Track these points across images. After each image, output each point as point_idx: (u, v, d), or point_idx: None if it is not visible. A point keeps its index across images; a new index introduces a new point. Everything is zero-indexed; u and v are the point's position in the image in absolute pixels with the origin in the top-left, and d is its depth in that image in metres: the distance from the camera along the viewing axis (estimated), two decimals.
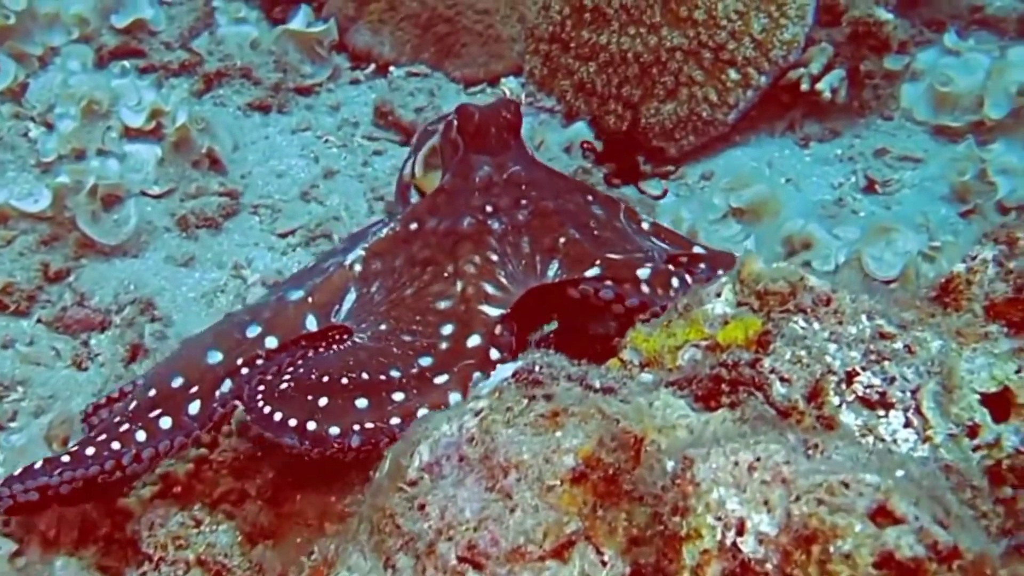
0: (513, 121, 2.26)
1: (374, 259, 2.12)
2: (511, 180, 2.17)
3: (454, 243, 2.07)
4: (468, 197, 2.14)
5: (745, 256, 1.53)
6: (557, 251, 2.04)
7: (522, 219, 2.09)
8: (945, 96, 3.63)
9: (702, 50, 3.46)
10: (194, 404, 1.89)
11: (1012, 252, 1.56)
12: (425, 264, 2.07)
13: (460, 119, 2.25)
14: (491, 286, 1.99)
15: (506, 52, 4.15)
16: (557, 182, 2.27)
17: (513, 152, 2.22)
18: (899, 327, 1.47)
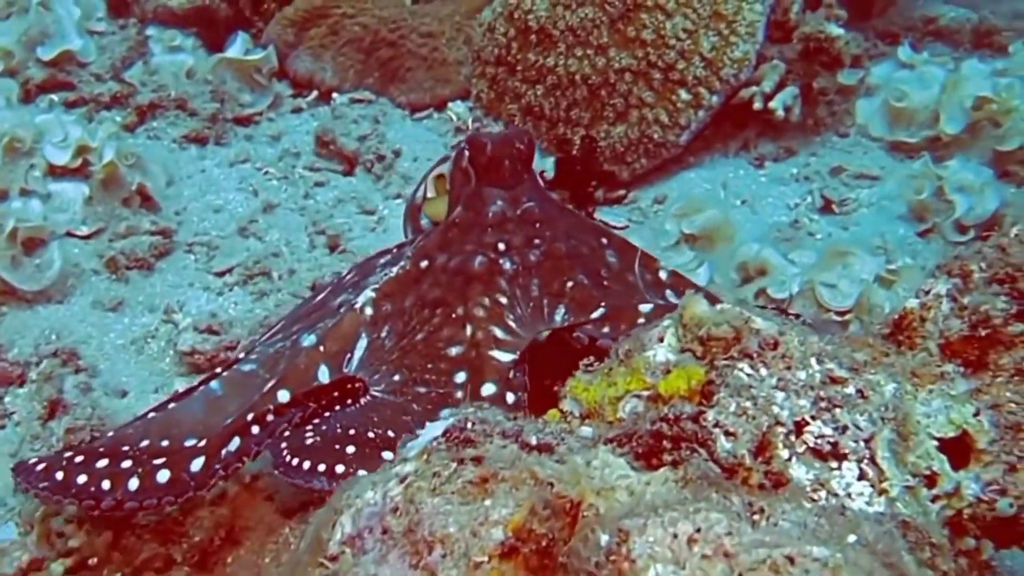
0: (526, 153, 2.21)
1: (384, 301, 2.08)
2: (525, 217, 2.13)
3: (464, 283, 2.04)
4: (480, 233, 2.10)
5: (687, 299, 1.46)
6: (564, 295, 2.03)
7: (533, 260, 2.07)
8: (900, 111, 3.62)
9: (651, 70, 3.42)
10: (198, 461, 1.84)
11: (966, 286, 1.51)
12: (435, 305, 2.04)
13: (472, 150, 2.20)
14: (500, 330, 1.97)
15: (453, 76, 4.09)
16: (572, 222, 2.23)
17: (527, 186, 2.18)
18: (850, 370, 1.41)
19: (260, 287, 2.96)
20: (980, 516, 1.36)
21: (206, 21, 4.22)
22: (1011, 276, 1.46)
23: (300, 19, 4.17)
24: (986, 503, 1.36)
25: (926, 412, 1.41)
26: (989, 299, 1.45)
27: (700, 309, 1.43)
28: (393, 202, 3.42)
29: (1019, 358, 1.42)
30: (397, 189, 3.47)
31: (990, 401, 1.41)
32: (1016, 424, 1.39)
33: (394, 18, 4.17)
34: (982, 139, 3.49)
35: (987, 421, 1.39)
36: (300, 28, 4.16)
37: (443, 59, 4.11)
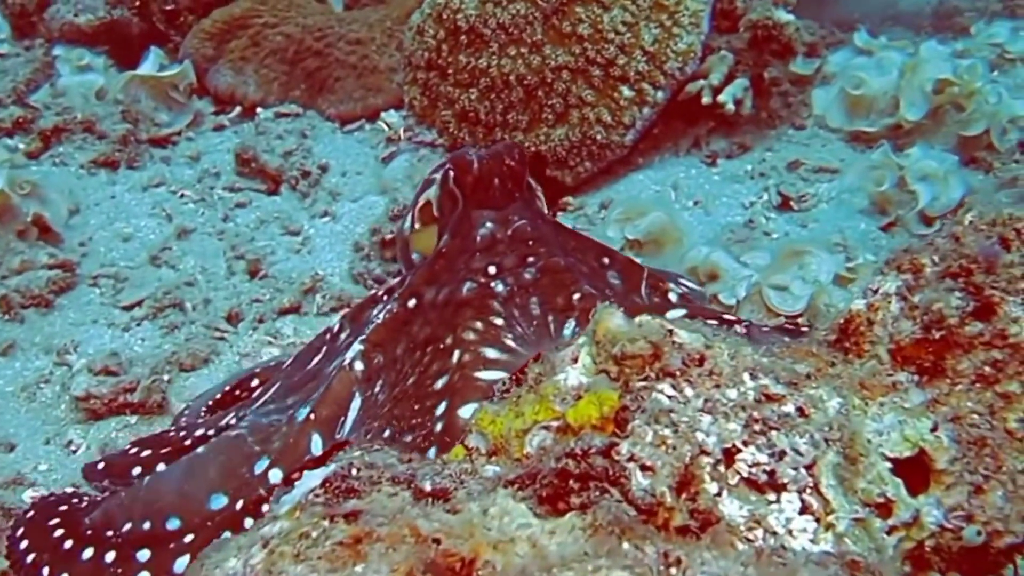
0: (517, 169, 2.04)
1: (375, 352, 1.91)
2: (516, 236, 1.97)
3: (454, 312, 1.87)
4: (469, 259, 1.94)
5: (599, 311, 1.31)
6: (572, 309, 1.85)
7: (529, 278, 1.90)
8: (858, 100, 3.51)
9: (590, 67, 3.28)
10: (183, 560, 1.71)
11: (917, 282, 1.36)
12: (426, 344, 1.87)
13: (457, 170, 2.04)
14: (494, 350, 1.77)
15: (385, 84, 3.95)
16: (568, 239, 2.07)
17: (519, 204, 2.02)
18: (789, 385, 1.26)
19: (171, 320, 2.79)
20: (944, 547, 1.21)
21: (118, 38, 4.06)
22: (966, 269, 1.31)
23: (219, 31, 4.01)
24: (951, 532, 1.21)
25: (877, 429, 1.26)
26: (942, 296, 1.31)
27: (614, 323, 1.28)
28: (320, 221, 3.25)
29: (979, 362, 1.28)
30: (324, 207, 3.31)
31: (949, 413, 1.27)
32: (980, 439, 1.25)
33: (320, 26, 4.03)
34: (945, 124, 3.38)
35: (946, 437, 1.24)
36: (219, 41, 4.00)
37: (374, 67, 3.97)
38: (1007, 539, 1.22)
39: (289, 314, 2.80)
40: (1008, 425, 1.26)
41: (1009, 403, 1.27)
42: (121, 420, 2.42)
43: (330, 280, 2.91)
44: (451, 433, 1.65)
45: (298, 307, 2.82)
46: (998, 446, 1.25)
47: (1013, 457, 1.25)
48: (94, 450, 2.33)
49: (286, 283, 2.89)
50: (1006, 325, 1.28)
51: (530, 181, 2.16)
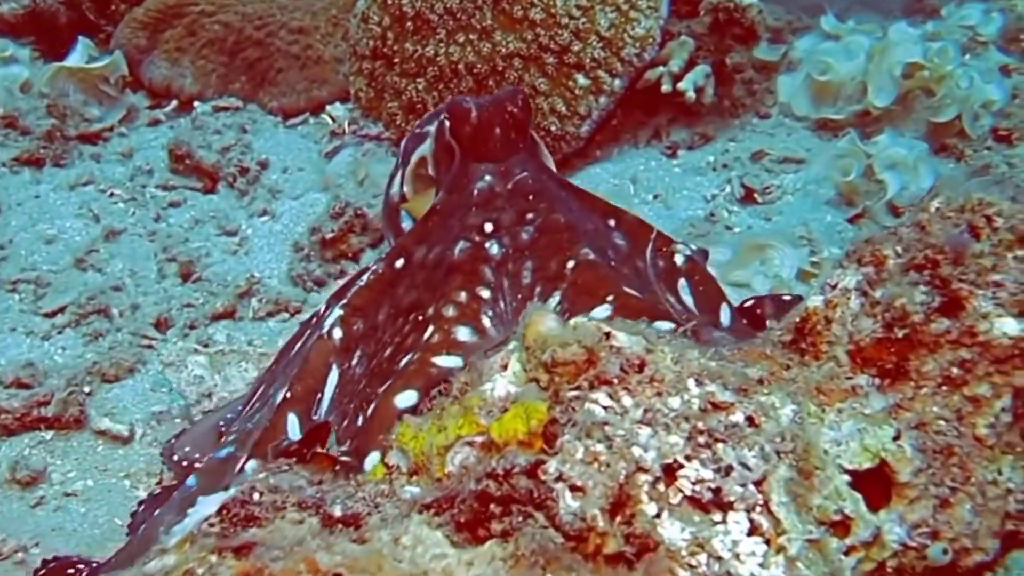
0: (520, 117, 1.86)
1: (355, 317, 1.75)
2: (517, 190, 1.81)
3: (444, 277, 1.71)
4: (464, 215, 1.78)
5: (530, 313, 1.21)
6: (563, 278, 1.69)
7: (526, 238, 1.75)
8: (825, 86, 3.44)
9: (543, 54, 3.19)
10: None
11: (879, 276, 1.28)
12: (409, 311, 1.72)
13: (453, 120, 1.85)
14: (467, 330, 1.62)
15: (330, 75, 3.83)
16: (573, 196, 1.90)
17: (522, 156, 1.85)
18: (738, 392, 1.17)
19: (95, 327, 2.65)
20: (908, 567, 1.12)
21: (44, 28, 3.91)
22: (932, 260, 1.23)
23: (152, 20, 3.87)
24: (914, 550, 1.12)
25: (835, 438, 1.17)
26: (906, 291, 1.22)
27: (544, 326, 1.18)
28: (258, 220, 3.13)
29: (946, 362, 1.19)
30: (263, 205, 3.18)
31: (913, 419, 1.18)
32: (946, 447, 1.16)
33: (260, 14, 3.90)
34: (915, 110, 3.33)
35: (909, 446, 1.15)
36: (153, 31, 3.87)
37: (318, 57, 3.84)
38: (976, 557, 1.14)
39: (223, 319, 2.67)
40: (977, 432, 1.17)
41: (978, 407, 1.18)
42: (35, 436, 2.29)
43: (267, 282, 2.80)
44: (377, 422, 1.52)
45: (232, 312, 2.70)
46: (966, 455, 1.17)
47: (983, 467, 1.17)
48: (4, 468, 2.20)
49: (220, 286, 2.77)
50: (975, 321, 1.19)
51: (533, 134, 1.98)
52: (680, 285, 1.84)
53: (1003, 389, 1.18)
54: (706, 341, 1.47)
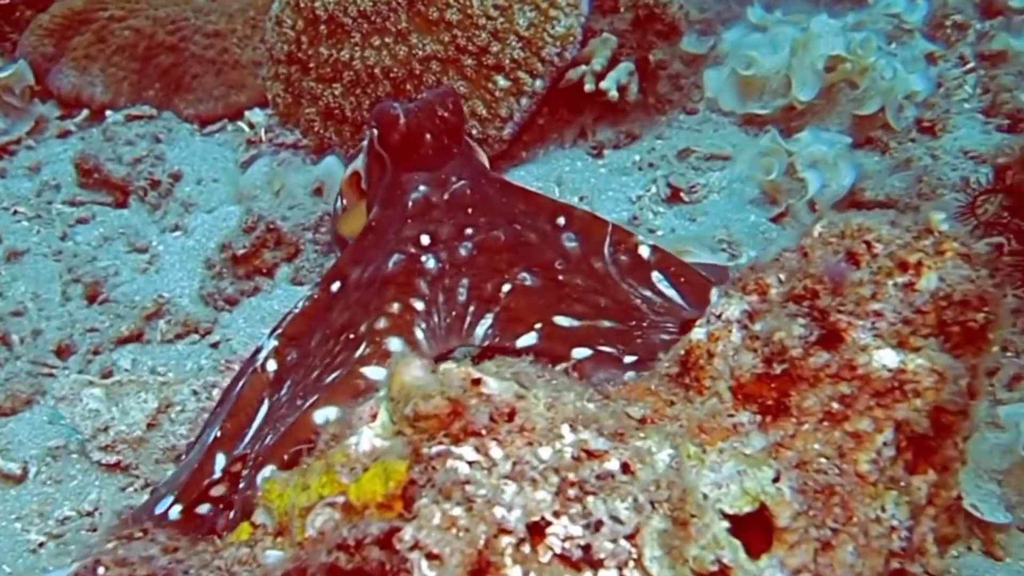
0: (452, 121, 1.81)
1: (289, 348, 1.68)
2: (454, 200, 1.74)
3: (377, 290, 1.65)
4: (400, 228, 1.71)
5: (397, 360, 1.16)
6: (496, 301, 1.65)
7: (464, 255, 1.69)
8: (750, 81, 3.42)
9: (462, 56, 3.13)
10: None
11: (761, 307, 1.25)
12: (341, 332, 1.65)
13: (381, 127, 1.79)
14: (397, 341, 1.57)
15: (248, 80, 3.73)
16: (516, 201, 1.82)
17: (457, 163, 1.78)
18: (614, 437, 1.13)
19: None
20: None
21: None
22: (811, 291, 1.20)
23: (59, 27, 3.75)
24: None
25: (716, 481, 1.14)
26: (784, 324, 1.19)
27: (409, 376, 1.13)
28: (170, 236, 3.04)
29: (826, 397, 1.16)
30: (175, 219, 3.09)
31: (794, 458, 1.15)
32: (827, 487, 1.13)
33: (173, 18, 3.79)
34: (839, 104, 3.31)
35: (788, 488, 1.12)
36: (60, 37, 3.74)
37: (235, 61, 3.75)
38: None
39: (129, 343, 2.59)
40: (859, 468, 1.15)
41: (860, 443, 1.16)
42: None
43: (177, 302, 2.71)
44: (291, 437, 1.45)
45: (140, 335, 2.61)
46: (848, 493, 1.14)
47: (865, 505, 1.14)
48: None
49: (127, 308, 2.69)
50: (854, 355, 1.16)
51: (468, 135, 1.95)
52: (655, 279, 1.81)
53: (884, 423, 1.16)
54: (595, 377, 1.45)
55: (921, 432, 1.16)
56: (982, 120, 3.32)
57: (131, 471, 2.11)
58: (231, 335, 2.56)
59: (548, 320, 1.62)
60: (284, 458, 1.44)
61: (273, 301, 2.67)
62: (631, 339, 1.63)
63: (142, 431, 2.12)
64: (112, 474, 2.11)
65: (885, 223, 1.24)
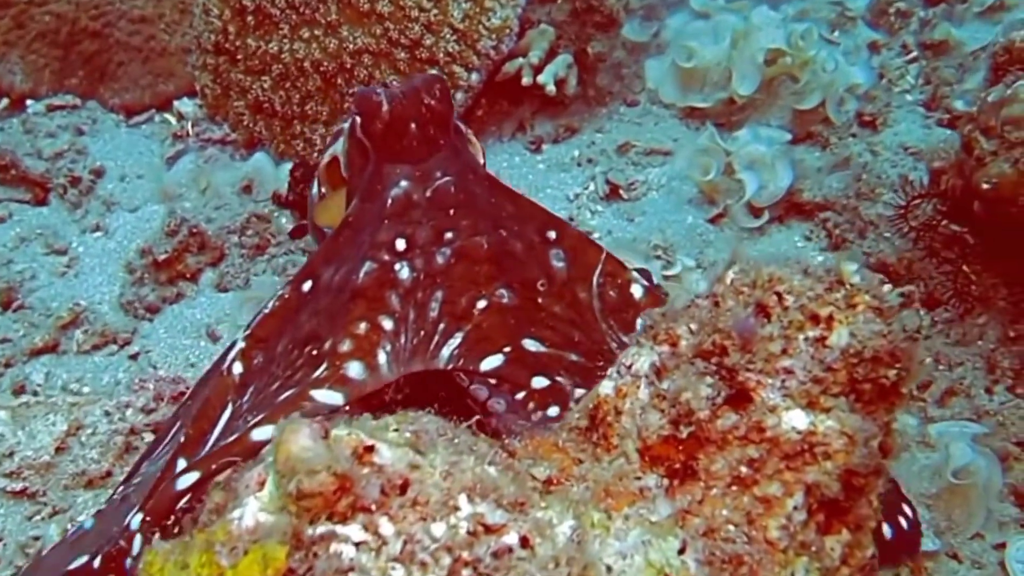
0: (439, 110, 1.66)
1: (256, 350, 1.60)
2: (437, 199, 1.60)
3: (347, 302, 1.54)
4: (376, 229, 1.59)
5: (283, 428, 1.09)
6: (468, 318, 1.54)
7: (441, 263, 1.57)
8: (691, 73, 3.36)
9: (394, 50, 3.04)
10: None
11: (672, 360, 1.20)
12: (306, 342, 1.55)
13: (363, 115, 1.65)
14: (358, 366, 1.49)
15: (177, 68, 3.60)
16: (505, 203, 1.69)
17: (443, 155, 1.64)
18: (514, 507, 1.08)
19: None
20: None
21: None
22: (720, 347, 1.15)
23: None
24: None
25: (620, 551, 1.09)
26: (691, 384, 1.14)
27: (296, 446, 1.06)
28: (91, 236, 2.93)
29: (734, 461, 1.12)
30: (96, 219, 2.98)
31: (702, 525, 1.11)
32: (735, 556, 1.09)
33: (96, 2, 3.63)
34: (780, 97, 3.27)
35: (694, 560, 1.08)
36: None
37: (163, 48, 3.61)
38: None
39: (43, 355, 2.49)
40: (768, 535, 1.11)
41: (769, 508, 1.11)
42: None
43: (97, 310, 2.61)
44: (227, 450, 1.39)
45: (55, 345, 2.51)
46: (757, 562, 1.10)
47: (774, 573, 1.10)
48: None
49: (43, 316, 2.58)
50: (762, 416, 1.12)
51: (459, 124, 1.80)
52: (639, 324, 1.65)
53: (794, 487, 1.12)
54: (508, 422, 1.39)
55: (832, 496, 1.12)
56: (923, 114, 3.29)
57: (38, 498, 2.03)
58: (151, 346, 2.47)
59: (517, 343, 1.52)
60: (212, 467, 1.39)
61: (196, 309, 2.58)
62: (592, 378, 1.54)
63: (50, 456, 2.04)
64: (18, 501, 2.03)
65: (797, 273, 1.18)
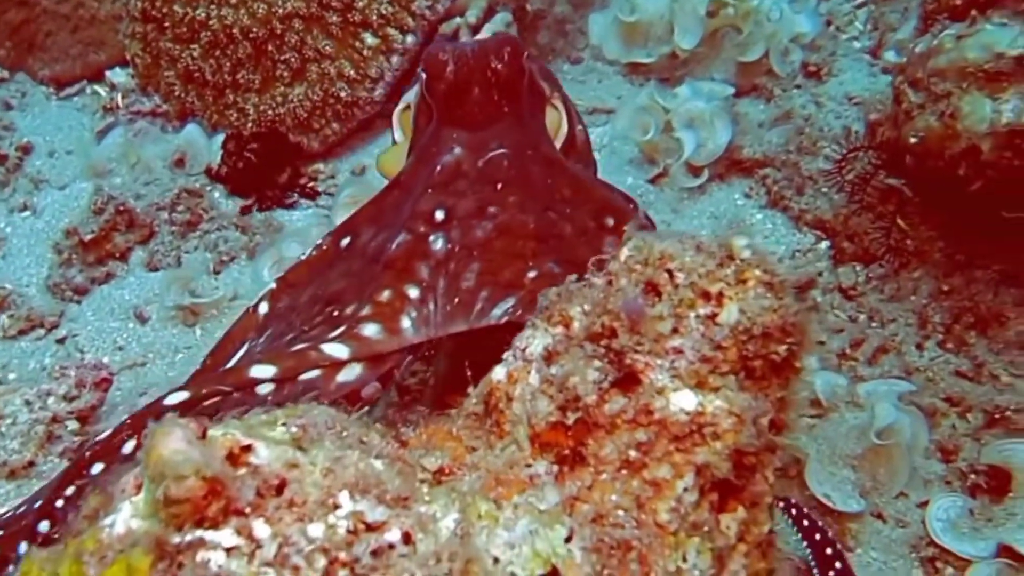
0: (506, 75, 1.56)
1: (283, 294, 1.57)
2: (487, 171, 1.52)
3: (377, 274, 1.49)
4: (419, 197, 1.53)
5: (156, 430, 1.05)
6: (518, 287, 1.44)
7: (480, 236, 1.48)
8: (634, 27, 3.30)
9: (325, 13, 2.96)
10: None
11: (564, 343, 1.17)
12: (330, 302, 1.51)
13: (428, 73, 1.58)
14: (374, 327, 1.43)
15: (108, 37, 3.51)
16: (562, 185, 1.57)
17: (505, 124, 1.56)
18: (397, 502, 1.05)
19: None
20: None
21: None
22: (609, 329, 1.12)
23: None
24: None
25: (509, 541, 1.07)
26: (579, 368, 1.11)
27: (167, 449, 1.03)
28: (18, 216, 2.86)
29: (623, 445, 1.10)
30: (24, 198, 2.91)
31: (591, 512, 1.09)
32: (624, 542, 1.07)
33: None
34: (724, 50, 3.22)
35: (580, 549, 1.06)
36: None
37: (92, 16, 3.51)
38: None
39: None
40: (658, 518, 1.09)
41: (659, 492, 1.10)
42: None
43: (24, 292, 2.56)
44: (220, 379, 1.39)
45: None
46: (647, 546, 1.08)
47: (665, 557, 1.09)
48: None
49: None
50: (650, 398, 1.10)
51: (542, 85, 1.70)
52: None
53: (684, 468, 1.10)
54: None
55: (723, 476, 1.10)
56: (869, 62, 3.25)
57: None
58: (78, 329, 2.42)
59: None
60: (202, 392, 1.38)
61: (125, 290, 2.53)
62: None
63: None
64: None
65: (690, 249, 1.16)
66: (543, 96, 1.70)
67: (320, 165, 3.08)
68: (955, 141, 1.98)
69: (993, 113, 1.93)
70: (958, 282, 2.29)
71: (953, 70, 1.98)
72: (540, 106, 1.68)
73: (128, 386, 2.25)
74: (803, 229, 2.51)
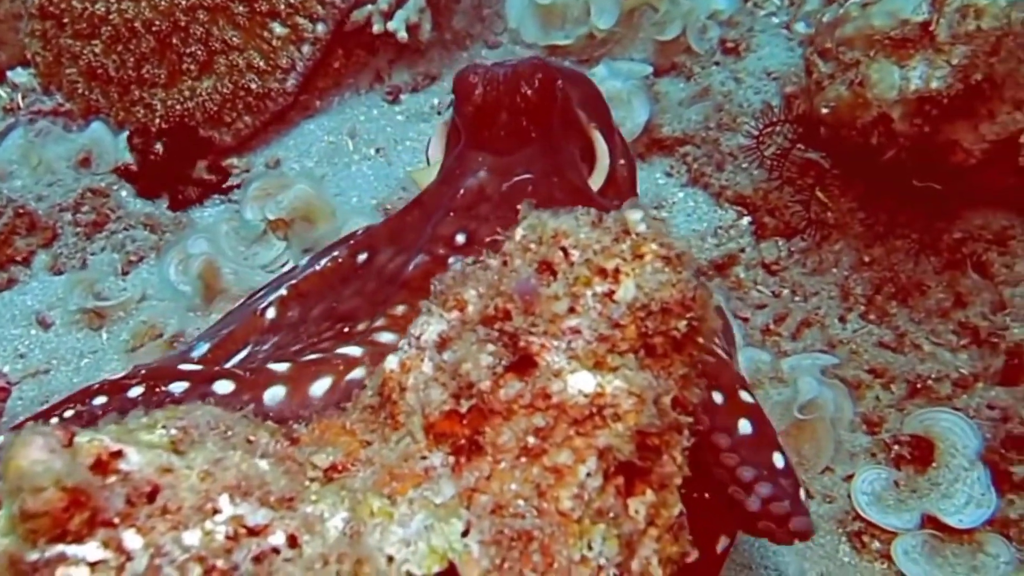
0: (535, 102, 1.52)
1: (294, 303, 1.53)
2: (510, 196, 1.50)
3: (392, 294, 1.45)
4: (441, 219, 1.50)
5: (13, 441, 0.98)
6: None
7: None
8: (550, 9, 3.25)
9: (232, 3, 2.87)
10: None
11: (454, 330, 1.11)
12: (342, 319, 1.47)
13: (457, 94, 1.55)
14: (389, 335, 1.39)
15: (8, 36, 3.36)
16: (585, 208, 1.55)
17: (532, 150, 1.53)
18: (282, 504, 0.99)
19: None
20: None
21: None
22: (503, 311, 1.07)
23: None
24: None
25: (403, 539, 1.02)
26: (471, 354, 1.06)
27: (26, 460, 0.95)
28: None
29: (521, 431, 1.04)
30: None
31: (489, 503, 1.04)
32: (524, 533, 1.02)
33: None
34: (642, 29, 3.19)
35: (477, 543, 1.01)
36: None
37: None
38: None
39: None
40: (560, 506, 1.04)
41: (560, 478, 1.05)
42: None
43: None
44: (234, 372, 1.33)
45: None
46: (549, 536, 1.03)
47: (568, 546, 1.04)
48: None
49: None
50: (547, 382, 1.04)
51: (580, 114, 1.66)
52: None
53: (586, 453, 1.05)
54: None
55: (626, 458, 1.06)
56: (787, 36, 3.24)
57: None
58: None
59: None
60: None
61: (28, 296, 2.42)
62: None
63: None
64: None
65: (585, 225, 1.11)
66: (578, 125, 1.67)
67: (234, 159, 2.98)
68: (866, 110, 1.97)
69: (902, 80, 1.92)
70: (878, 253, 2.28)
71: (860, 38, 1.96)
72: (574, 135, 1.65)
73: (31, 395, 2.15)
74: (724, 205, 2.49)
